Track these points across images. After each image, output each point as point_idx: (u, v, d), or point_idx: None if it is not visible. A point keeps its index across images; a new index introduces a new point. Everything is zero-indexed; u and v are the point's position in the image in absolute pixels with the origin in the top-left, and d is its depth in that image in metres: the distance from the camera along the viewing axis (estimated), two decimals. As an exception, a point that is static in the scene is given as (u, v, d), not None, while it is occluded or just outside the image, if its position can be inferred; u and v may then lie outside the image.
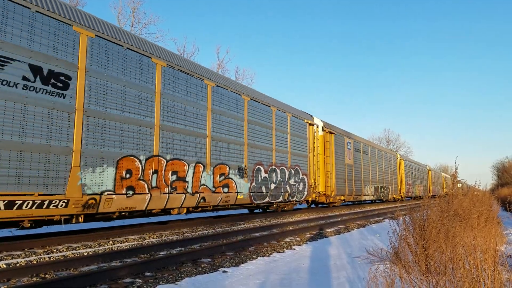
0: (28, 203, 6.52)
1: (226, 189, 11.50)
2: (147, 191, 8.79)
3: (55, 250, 6.93)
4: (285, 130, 15.46)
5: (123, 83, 8.61)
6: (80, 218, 7.53)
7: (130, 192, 8.36)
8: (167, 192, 9.35)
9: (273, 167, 14.25)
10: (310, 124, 17.66)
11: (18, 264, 5.74)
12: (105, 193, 7.81)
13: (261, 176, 13.37)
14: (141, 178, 8.71)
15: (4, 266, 5.59)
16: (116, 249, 7.12)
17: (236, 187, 11.98)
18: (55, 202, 6.90)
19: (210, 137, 11.06)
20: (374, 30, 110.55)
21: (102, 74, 8.12)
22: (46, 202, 6.77)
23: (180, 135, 9.98)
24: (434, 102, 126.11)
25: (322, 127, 18.67)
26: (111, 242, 7.96)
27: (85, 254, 6.58)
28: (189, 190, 10.07)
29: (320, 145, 18.42)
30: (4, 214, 6.25)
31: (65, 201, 7.04)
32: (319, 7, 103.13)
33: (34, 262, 5.91)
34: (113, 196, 7.96)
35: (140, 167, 8.72)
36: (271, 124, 14.43)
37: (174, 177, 9.64)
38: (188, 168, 10.13)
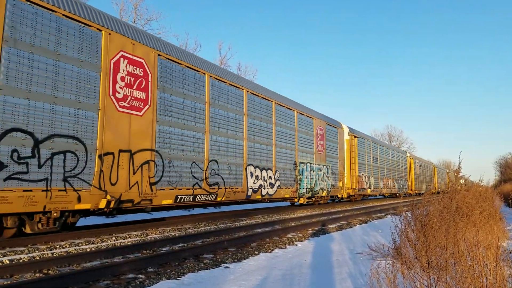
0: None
1: (393, 187, 30.48)
2: (383, 188, 28.09)
3: (58, 246, 6.96)
4: (401, 162, 34.79)
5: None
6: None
7: (385, 188, 28.59)
8: (386, 188, 28.79)
9: (397, 178, 32.62)
10: (405, 156, 37.37)
11: (21, 260, 5.77)
12: (375, 188, 26.46)
13: (398, 182, 32.55)
14: (386, 184, 28.73)
15: (7, 262, 5.62)
16: (119, 245, 7.16)
17: (395, 186, 31.30)
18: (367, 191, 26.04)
19: (392, 169, 31.45)
20: (376, 25, 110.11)
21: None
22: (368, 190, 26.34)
23: (384, 169, 28.86)
24: (437, 97, 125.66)
25: (409, 156, 38.57)
26: (113, 238, 7.99)
27: (88, 250, 6.61)
28: (389, 188, 29.29)
29: (408, 165, 37.41)
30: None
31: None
32: (321, 1, 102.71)
33: (37, 258, 5.94)
34: (382, 189, 27.89)
35: (385, 179, 28.61)
36: (401, 162, 34.88)
37: (386, 183, 28.74)
38: (389, 179, 29.56)
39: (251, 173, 12.90)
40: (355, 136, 22.95)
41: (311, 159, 17.40)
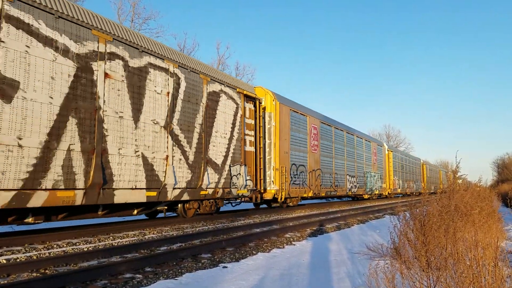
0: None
1: (412, 187, 38.31)
2: (407, 188, 37.16)
3: (55, 246, 6.93)
4: (417, 168, 43.14)
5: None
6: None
7: (408, 188, 37.76)
8: (408, 188, 37.69)
9: (415, 180, 40.38)
10: (420, 162, 44.94)
11: (18, 260, 5.73)
12: (402, 189, 36.11)
13: (416, 183, 40.98)
14: (408, 185, 37.52)
15: (4, 261, 5.59)
16: (116, 244, 7.13)
17: (414, 186, 39.49)
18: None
19: (411, 173, 41.57)
20: (374, 24, 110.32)
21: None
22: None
23: (407, 173, 38.47)
24: (435, 97, 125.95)
25: (422, 162, 46.18)
26: (111, 237, 7.96)
27: (85, 249, 6.58)
28: (410, 188, 37.85)
29: (421, 170, 45.27)
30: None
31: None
32: (319, 1, 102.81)
33: (34, 257, 5.91)
34: (406, 189, 37.32)
35: (407, 182, 37.04)
36: (417, 167, 43.53)
37: (408, 185, 37.94)
38: (410, 181, 38.57)
39: (348, 179, 22.59)
40: (391, 151, 32.90)
41: (371, 169, 27.08)
